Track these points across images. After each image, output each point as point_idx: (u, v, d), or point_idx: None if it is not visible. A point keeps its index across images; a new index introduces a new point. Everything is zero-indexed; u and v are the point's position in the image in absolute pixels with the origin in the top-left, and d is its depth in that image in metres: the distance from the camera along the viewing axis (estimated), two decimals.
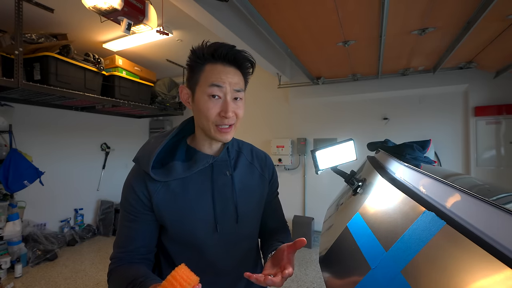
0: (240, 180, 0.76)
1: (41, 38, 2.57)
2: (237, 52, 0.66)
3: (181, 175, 0.68)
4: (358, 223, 0.64)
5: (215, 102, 0.65)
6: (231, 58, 0.65)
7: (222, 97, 0.65)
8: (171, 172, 0.67)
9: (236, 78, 0.67)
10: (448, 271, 0.34)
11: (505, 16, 1.76)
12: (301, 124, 4.03)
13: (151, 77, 3.87)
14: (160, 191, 0.67)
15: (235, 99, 0.67)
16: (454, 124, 3.23)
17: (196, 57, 0.66)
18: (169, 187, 0.68)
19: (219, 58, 0.65)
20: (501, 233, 0.31)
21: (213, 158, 0.72)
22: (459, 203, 0.41)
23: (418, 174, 0.59)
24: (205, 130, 0.69)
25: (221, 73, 0.64)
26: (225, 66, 0.65)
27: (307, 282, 2.64)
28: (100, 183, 4.18)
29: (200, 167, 0.70)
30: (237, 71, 0.68)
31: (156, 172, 0.67)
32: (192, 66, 0.67)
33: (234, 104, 0.67)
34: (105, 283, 2.59)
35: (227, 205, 0.73)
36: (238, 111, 0.68)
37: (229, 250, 0.75)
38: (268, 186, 0.84)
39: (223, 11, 2.17)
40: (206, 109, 0.65)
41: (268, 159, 0.87)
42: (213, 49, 0.64)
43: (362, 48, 2.46)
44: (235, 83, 0.66)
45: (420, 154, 0.85)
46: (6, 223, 2.75)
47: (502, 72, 2.79)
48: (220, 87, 0.64)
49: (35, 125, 3.35)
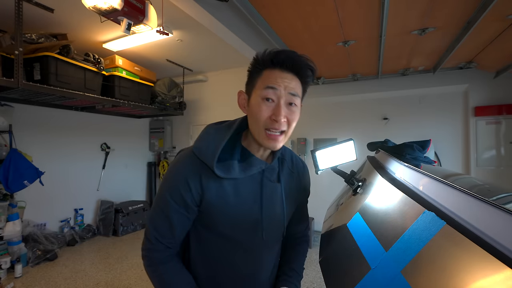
0: (285, 188, 0.77)
1: (41, 38, 2.57)
2: (297, 57, 0.64)
3: (238, 176, 0.68)
4: (358, 223, 0.64)
5: (268, 105, 0.64)
6: (289, 63, 0.64)
7: (276, 100, 0.64)
8: (230, 170, 0.66)
9: (293, 83, 0.65)
10: (448, 271, 0.34)
11: (505, 16, 1.76)
12: (301, 124, 4.02)
13: (151, 77, 3.87)
14: (213, 187, 0.66)
15: (290, 104, 0.65)
16: (454, 124, 3.23)
17: (256, 62, 0.66)
18: (222, 184, 0.67)
19: (278, 63, 0.64)
20: (501, 233, 0.31)
21: (266, 164, 0.72)
22: (459, 203, 0.41)
23: (418, 174, 0.59)
24: (255, 135, 0.67)
25: (278, 77, 0.64)
26: (283, 72, 0.64)
27: (307, 282, 2.64)
28: (100, 183, 4.18)
29: (254, 171, 0.70)
30: (295, 77, 0.66)
31: (217, 165, 0.65)
32: (252, 71, 0.68)
33: (287, 110, 0.65)
34: (105, 283, 2.59)
35: (274, 211, 0.75)
36: (291, 117, 0.65)
37: (267, 252, 0.79)
38: (302, 195, 0.88)
39: (223, 11, 2.17)
40: (258, 111, 0.64)
41: (305, 168, 0.89)
42: (273, 55, 0.64)
43: (362, 48, 2.46)
44: (291, 87, 0.64)
45: (420, 154, 0.85)
46: (6, 223, 2.74)
47: (502, 72, 2.79)
48: (274, 89, 0.63)
49: (35, 125, 3.35)
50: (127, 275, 2.76)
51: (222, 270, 0.75)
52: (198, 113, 4.80)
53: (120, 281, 2.63)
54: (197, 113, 4.81)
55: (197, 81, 4.61)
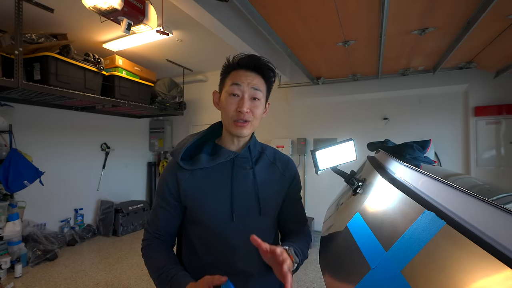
0: (260, 174, 0.82)
1: (41, 38, 2.57)
2: (257, 59, 0.76)
3: (205, 165, 0.77)
4: (358, 223, 0.64)
5: (234, 99, 0.75)
6: (252, 64, 0.75)
7: (240, 95, 0.74)
8: (196, 162, 0.77)
9: (256, 80, 0.76)
10: (448, 271, 0.34)
11: (505, 16, 1.76)
12: (301, 124, 4.03)
13: (151, 77, 3.87)
14: (188, 178, 0.77)
15: (254, 99, 0.76)
16: (454, 124, 3.23)
17: (226, 66, 0.78)
18: (195, 175, 0.78)
19: (242, 65, 0.76)
20: (501, 233, 0.31)
21: (235, 153, 0.80)
22: (459, 203, 0.41)
23: (418, 174, 0.59)
24: (225, 126, 0.79)
25: (242, 75, 0.75)
26: (247, 71, 0.76)
27: (307, 282, 2.64)
28: (100, 183, 4.18)
29: (222, 160, 0.78)
30: (258, 76, 0.77)
31: (185, 162, 0.77)
32: (223, 73, 0.80)
33: (251, 103, 0.75)
34: (105, 283, 2.59)
35: (248, 197, 0.79)
36: (254, 110, 0.76)
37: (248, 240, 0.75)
38: (288, 188, 0.87)
39: (223, 11, 2.17)
40: (226, 104, 0.75)
41: (291, 162, 0.91)
42: (239, 58, 0.76)
43: (362, 48, 2.46)
44: (254, 83, 0.75)
45: (420, 154, 0.85)
46: (6, 223, 2.75)
47: (502, 72, 2.79)
48: (238, 85, 0.74)
49: (35, 125, 3.35)
50: (127, 275, 2.76)
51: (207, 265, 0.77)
52: (198, 113, 4.80)
53: (120, 281, 2.64)
54: (197, 113, 4.81)
55: (197, 81, 4.61)
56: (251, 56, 0.76)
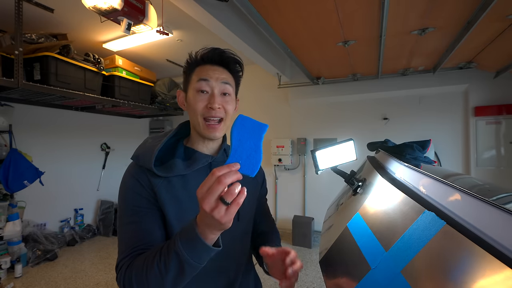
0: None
1: (41, 38, 2.57)
2: (222, 53, 0.70)
3: (182, 172, 0.69)
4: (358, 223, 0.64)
5: (203, 96, 0.69)
6: (217, 59, 0.70)
7: (210, 91, 0.69)
8: (172, 168, 0.68)
9: (224, 74, 0.71)
10: (448, 271, 0.34)
11: (505, 16, 1.76)
12: (301, 124, 4.03)
13: (151, 77, 3.87)
14: (162, 186, 0.67)
15: (224, 94, 0.70)
16: (454, 124, 3.23)
17: (189, 62, 0.72)
18: (170, 182, 0.68)
19: (207, 59, 0.70)
20: (501, 233, 0.31)
21: (212, 157, 0.74)
22: (459, 203, 0.41)
23: (418, 174, 0.59)
24: (196, 128, 0.72)
25: (209, 70, 0.70)
26: (213, 65, 0.70)
27: (307, 282, 2.64)
28: (100, 183, 4.18)
29: (200, 165, 0.71)
30: (225, 70, 0.72)
31: (158, 168, 0.66)
32: (186, 71, 0.73)
33: (222, 98, 0.70)
34: (105, 283, 2.59)
35: None
36: (226, 105, 0.70)
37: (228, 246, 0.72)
38: (259, 190, 0.88)
39: (223, 11, 2.17)
40: (195, 102, 0.69)
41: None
42: (202, 53, 0.71)
43: (362, 48, 2.46)
44: (222, 78, 0.70)
45: (420, 154, 0.85)
46: (6, 223, 2.75)
47: (502, 72, 2.79)
48: (207, 81, 0.68)
49: (35, 125, 3.35)
50: None
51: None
52: None
53: None
54: None
55: None
56: (215, 49, 0.71)
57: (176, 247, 0.50)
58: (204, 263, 0.52)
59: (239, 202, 0.45)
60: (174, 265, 0.50)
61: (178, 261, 0.50)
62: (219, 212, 0.44)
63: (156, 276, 0.51)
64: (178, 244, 0.50)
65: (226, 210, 0.45)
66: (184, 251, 0.49)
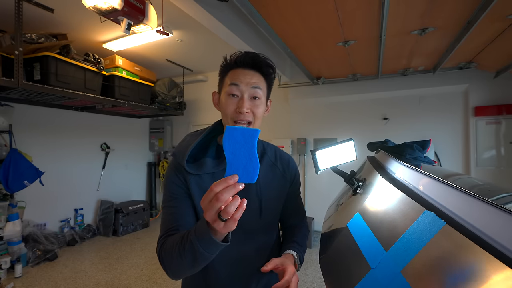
0: (262, 176, 0.82)
1: (41, 38, 2.57)
2: (255, 56, 0.73)
3: (211, 170, 0.75)
4: (358, 223, 0.64)
5: (233, 100, 0.72)
6: (249, 62, 0.73)
7: (240, 95, 0.72)
8: (202, 167, 0.75)
9: (255, 78, 0.73)
10: (448, 271, 0.34)
11: (505, 16, 1.76)
12: (301, 124, 4.03)
13: (151, 77, 3.87)
14: (194, 180, 0.75)
15: (254, 98, 0.73)
16: (454, 124, 3.23)
17: (223, 65, 0.76)
18: (201, 178, 0.75)
19: (240, 63, 0.74)
20: (501, 233, 0.31)
21: None
22: (459, 203, 0.41)
23: (418, 174, 0.59)
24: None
25: (240, 74, 0.73)
26: (245, 69, 0.73)
27: (307, 282, 2.64)
28: (100, 183, 4.18)
29: None
30: (257, 73, 0.74)
31: (190, 166, 0.74)
32: (221, 73, 0.78)
33: (251, 103, 0.73)
34: (105, 283, 2.59)
35: (251, 200, 0.79)
36: (255, 109, 0.73)
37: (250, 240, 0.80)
38: (289, 187, 0.90)
39: (223, 11, 2.17)
40: (225, 105, 0.73)
41: (291, 162, 0.92)
42: (236, 56, 0.74)
43: (362, 48, 2.46)
44: (253, 82, 0.72)
45: (420, 154, 0.85)
46: (6, 223, 2.75)
47: (502, 72, 2.79)
48: (237, 86, 0.71)
49: (35, 125, 3.35)
50: (127, 275, 2.76)
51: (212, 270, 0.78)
52: (198, 113, 4.80)
53: (120, 281, 2.64)
54: (197, 113, 4.81)
55: (197, 81, 4.61)
56: (249, 53, 0.73)
57: (191, 237, 0.57)
58: (215, 254, 0.57)
59: (235, 218, 0.48)
60: (190, 252, 0.57)
61: (193, 250, 0.56)
62: (218, 225, 0.48)
63: (177, 258, 0.61)
64: (193, 235, 0.56)
65: (225, 224, 0.48)
66: (198, 243, 0.55)
